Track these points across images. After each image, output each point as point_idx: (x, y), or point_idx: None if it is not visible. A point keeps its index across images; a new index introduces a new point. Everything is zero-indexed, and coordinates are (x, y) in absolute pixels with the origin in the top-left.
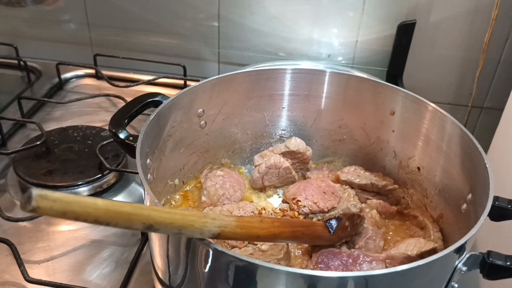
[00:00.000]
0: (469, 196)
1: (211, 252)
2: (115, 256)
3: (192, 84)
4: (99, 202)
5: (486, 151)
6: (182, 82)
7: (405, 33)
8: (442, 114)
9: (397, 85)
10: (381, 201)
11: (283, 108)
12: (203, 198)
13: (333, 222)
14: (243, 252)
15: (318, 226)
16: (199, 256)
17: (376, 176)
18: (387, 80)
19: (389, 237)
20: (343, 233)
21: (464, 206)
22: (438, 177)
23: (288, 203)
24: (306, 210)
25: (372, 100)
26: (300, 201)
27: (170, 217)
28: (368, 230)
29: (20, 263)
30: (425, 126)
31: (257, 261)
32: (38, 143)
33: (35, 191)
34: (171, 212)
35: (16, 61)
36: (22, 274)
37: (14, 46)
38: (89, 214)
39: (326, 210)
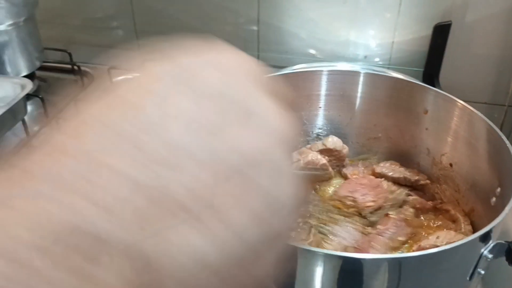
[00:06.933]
0: (498, 189)
1: None
2: None
3: None
4: None
5: None
6: None
7: (441, 33)
8: (472, 111)
9: (434, 85)
10: (418, 197)
11: (320, 107)
12: None
13: None
14: None
15: None
16: None
17: (410, 171)
18: (424, 80)
19: (423, 232)
20: None
21: (494, 199)
22: (469, 173)
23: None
24: (370, 210)
25: (405, 99)
26: (357, 198)
27: None
28: (390, 221)
29: None
30: (456, 123)
31: (295, 243)
32: None
33: None
34: None
35: (70, 66)
36: None
37: (68, 52)
38: None
39: (385, 205)
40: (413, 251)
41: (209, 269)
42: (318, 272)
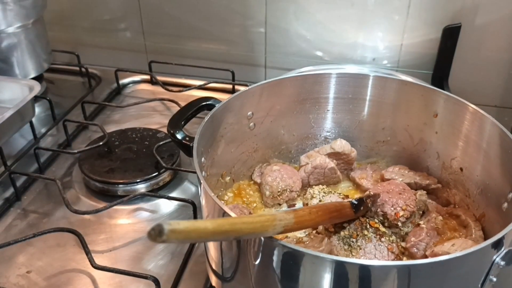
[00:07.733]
0: (510, 195)
1: (261, 244)
2: (170, 249)
3: (240, 88)
4: (209, 227)
5: None
6: (230, 86)
7: (450, 36)
8: (483, 115)
9: (443, 87)
10: (433, 201)
11: (328, 110)
12: (267, 193)
13: (358, 203)
14: None
15: (347, 208)
16: (249, 248)
17: (420, 176)
18: (433, 83)
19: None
20: (364, 210)
21: (505, 205)
22: (480, 177)
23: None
24: (402, 219)
25: (415, 103)
26: (388, 213)
27: (253, 226)
28: (422, 232)
29: (88, 251)
30: (467, 127)
31: (308, 250)
32: (100, 143)
33: (168, 227)
34: (254, 222)
35: (78, 68)
36: (90, 261)
37: (76, 54)
38: (201, 237)
39: (415, 209)
40: (426, 256)
41: None
42: (326, 278)
